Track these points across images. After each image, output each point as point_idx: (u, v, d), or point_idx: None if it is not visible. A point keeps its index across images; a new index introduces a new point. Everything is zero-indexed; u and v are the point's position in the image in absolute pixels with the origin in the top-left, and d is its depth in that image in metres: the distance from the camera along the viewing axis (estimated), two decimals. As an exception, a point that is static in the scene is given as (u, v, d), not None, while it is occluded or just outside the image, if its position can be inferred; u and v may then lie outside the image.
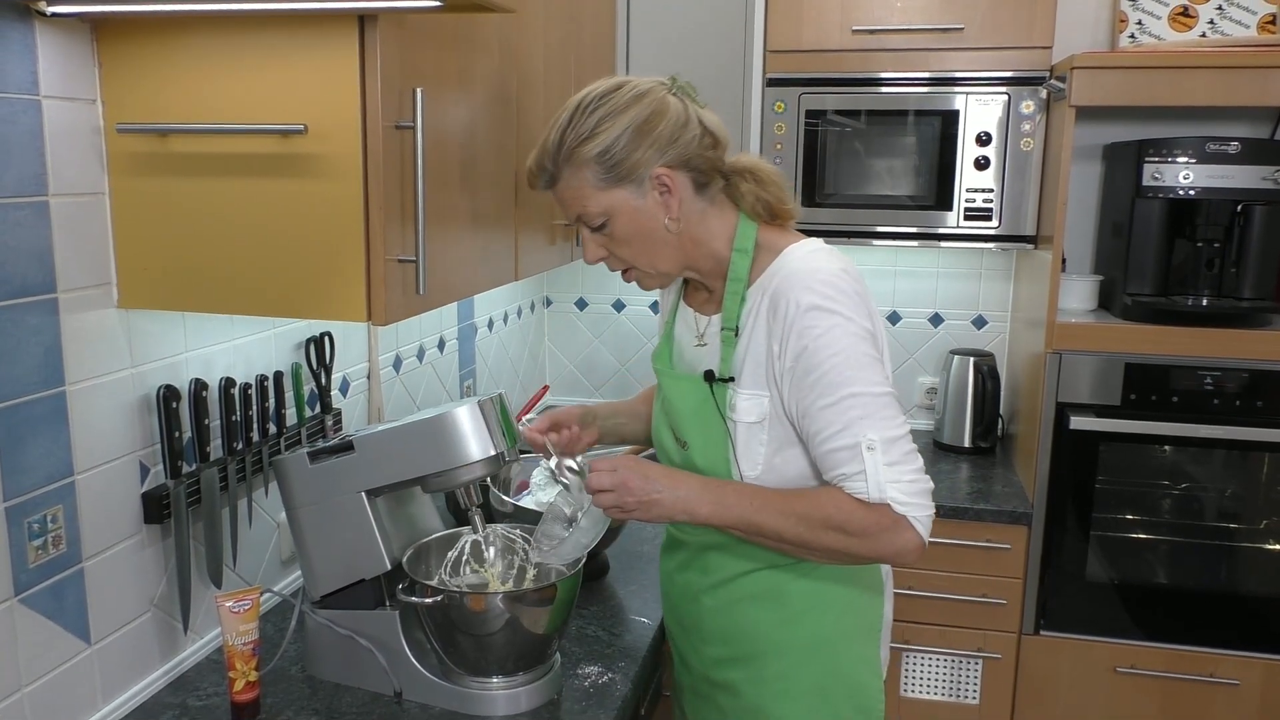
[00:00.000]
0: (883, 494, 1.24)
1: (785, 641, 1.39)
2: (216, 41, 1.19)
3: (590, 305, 3.08)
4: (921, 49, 2.43)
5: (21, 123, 1.15)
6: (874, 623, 1.44)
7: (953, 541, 2.35)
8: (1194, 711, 2.36)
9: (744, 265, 1.35)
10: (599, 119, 1.27)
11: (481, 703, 1.37)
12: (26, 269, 1.18)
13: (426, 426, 1.36)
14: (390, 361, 2.06)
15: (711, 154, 1.33)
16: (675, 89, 1.32)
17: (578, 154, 1.28)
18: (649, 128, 1.27)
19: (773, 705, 1.41)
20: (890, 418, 1.25)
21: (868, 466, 1.24)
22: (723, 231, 1.37)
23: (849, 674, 1.41)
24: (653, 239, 1.33)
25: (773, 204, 1.36)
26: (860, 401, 1.25)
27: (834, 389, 1.25)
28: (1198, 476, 2.38)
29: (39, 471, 1.21)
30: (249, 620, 1.35)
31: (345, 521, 1.40)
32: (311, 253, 1.21)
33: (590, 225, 1.33)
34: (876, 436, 1.24)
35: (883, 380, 1.27)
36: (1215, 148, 2.25)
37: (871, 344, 1.27)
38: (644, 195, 1.30)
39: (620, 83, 1.31)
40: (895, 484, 1.24)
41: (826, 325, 1.25)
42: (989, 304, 2.83)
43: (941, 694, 2.47)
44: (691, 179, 1.32)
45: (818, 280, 1.27)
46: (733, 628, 1.43)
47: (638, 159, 1.28)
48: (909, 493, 1.25)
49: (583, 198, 1.31)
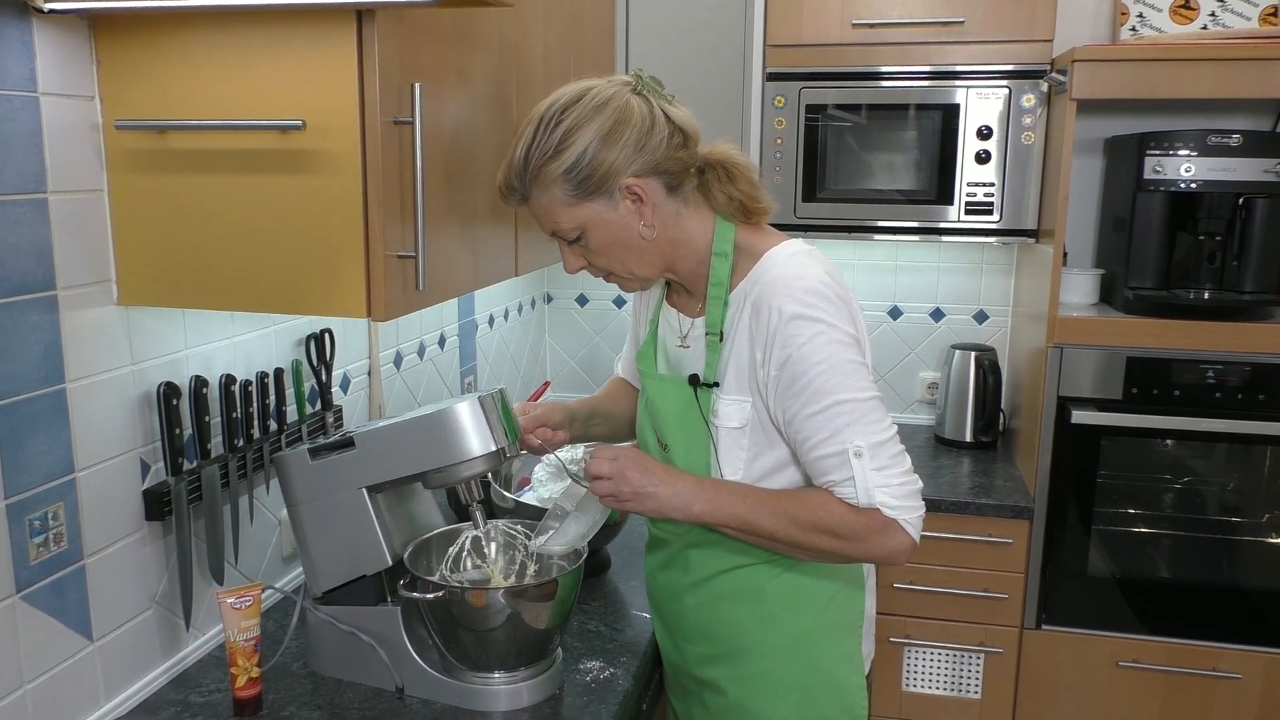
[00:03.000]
0: (871, 499, 1.24)
1: (766, 639, 1.40)
2: (215, 37, 1.18)
3: (591, 301, 3.08)
4: (922, 43, 2.42)
5: (20, 120, 1.15)
6: (855, 618, 1.44)
7: (954, 536, 2.35)
8: (1196, 705, 2.36)
9: (724, 269, 1.34)
10: (563, 134, 1.25)
11: (483, 698, 1.37)
12: (26, 266, 1.18)
13: (427, 422, 1.35)
14: (391, 358, 2.06)
15: (682, 153, 1.30)
16: (640, 87, 1.29)
17: (545, 172, 1.26)
18: (614, 138, 1.25)
19: (756, 702, 1.41)
20: (876, 422, 1.26)
21: (856, 473, 1.24)
22: (701, 232, 1.35)
23: (831, 670, 1.41)
24: (628, 247, 1.32)
25: (745, 202, 1.34)
26: (846, 408, 1.25)
27: (819, 397, 1.25)
28: (1199, 470, 2.37)
29: (40, 469, 1.21)
30: (251, 616, 1.35)
31: (346, 518, 1.40)
32: (311, 248, 1.21)
33: (566, 239, 1.33)
34: (863, 443, 1.24)
35: (868, 385, 1.27)
36: (1217, 140, 2.25)
37: (855, 349, 1.27)
38: (616, 206, 1.28)
39: (582, 91, 1.28)
40: (884, 488, 1.25)
41: (810, 334, 1.25)
42: (990, 298, 2.83)
43: (943, 689, 2.47)
44: (663, 182, 1.30)
45: (800, 287, 1.26)
46: (714, 625, 1.44)
47: (605, 171, 1.25)
48: (898, 495, 1.25)
49: (555, 214, 1.29)
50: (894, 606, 2.42)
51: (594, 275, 1.38)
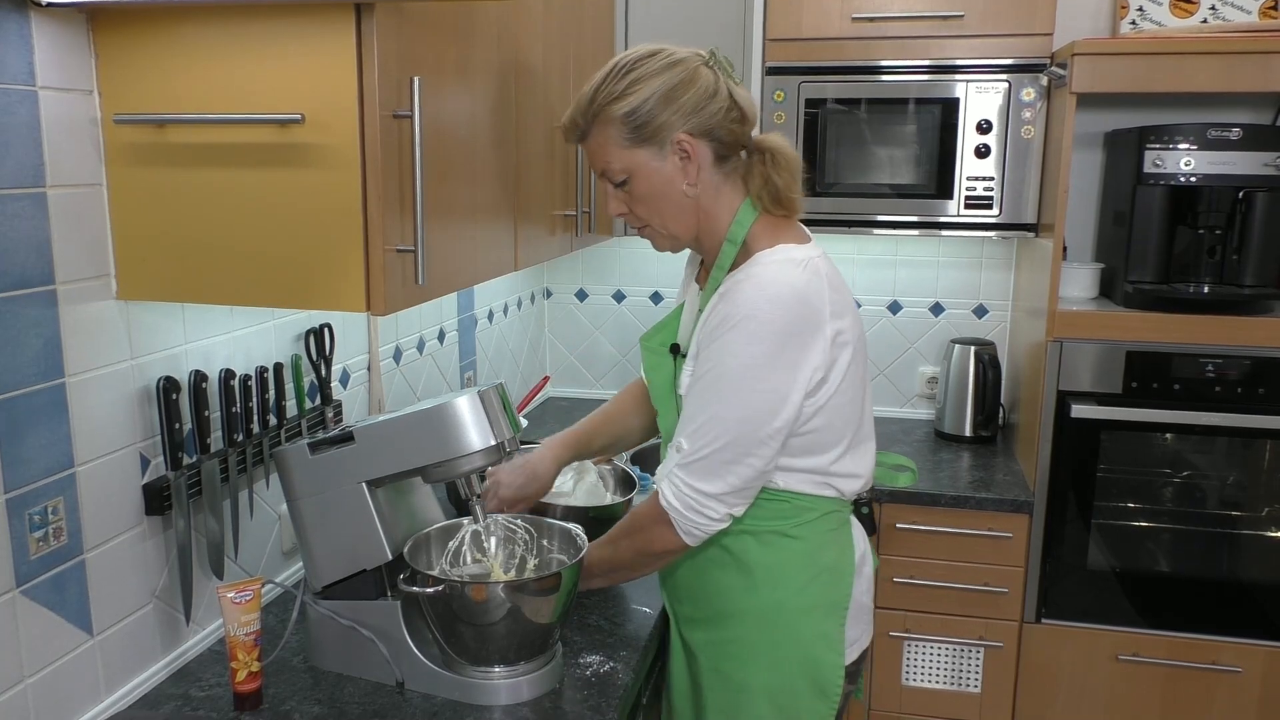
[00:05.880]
0: (660, 484, 1.36)
1: (745, 606, 1.46)
2: (213, 31, 1.18)
3: (590, 296, 3.07)
4: (922, 36, 2.42)
5: (18, 114, 1.15)
6: (838, 601, 1.47)
7: (954, 530, 2.35)
8: (1196, 699, 2.36)
9: (730, 256, 1.41)
10: (630, 81, 1.34)
11: (483, 692, 1.37)
12: (25, 260, 1.17)
13: (427, 416, 1.36)
14: (390, 353, 2.06)
15: (737, 128, 1.38)
16: (712, 62, 1.38)
17: (606, 112, 1.35)
18: (676, 94, 1.34)
19: (727, 664, 1.47)
20: (722, 446, 1.32)
21: (667, 462, 1.37)
22: (727, 215, 1.41)
23: (805, 646, 1.45)
24: (668, 201, 1.39)
25: (779, 190, 1.40)
26: (709, 417, 1.33)
27: (704, 391, 1.34)
28: (1199, 464, 2.37)
29: (39, 463, 1.21)
30: (251, 611, 1.35)
31: (346, 512, 1.40)
32: (310, 243, 1.21)
33: (613, 181, 1.41)
34: (689, 446, 1.34)
35: (745, 408, 1.32)
36: (1217, 134, 2.24)
37: (759, 369, 1.31)
38: (664, 158, 1.36)
39: (658, 49, 1.37)
40: (675, 483, 1.35)
41: (736, 338, 1.31)
42: (990, 293, 2.83)
43: (943, 683, 2.47)
44: (713, 149, 1.38)
45: (763, 295, 1.31)
46: (700, 588, 1.50)
47: (662, 122, 1.34)
48: (682, 499, 1.35)
49: (607, 154, 1.38)
50: (894, 601, 2.43)
51: (631, 225, 1.46)
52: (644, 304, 3.03)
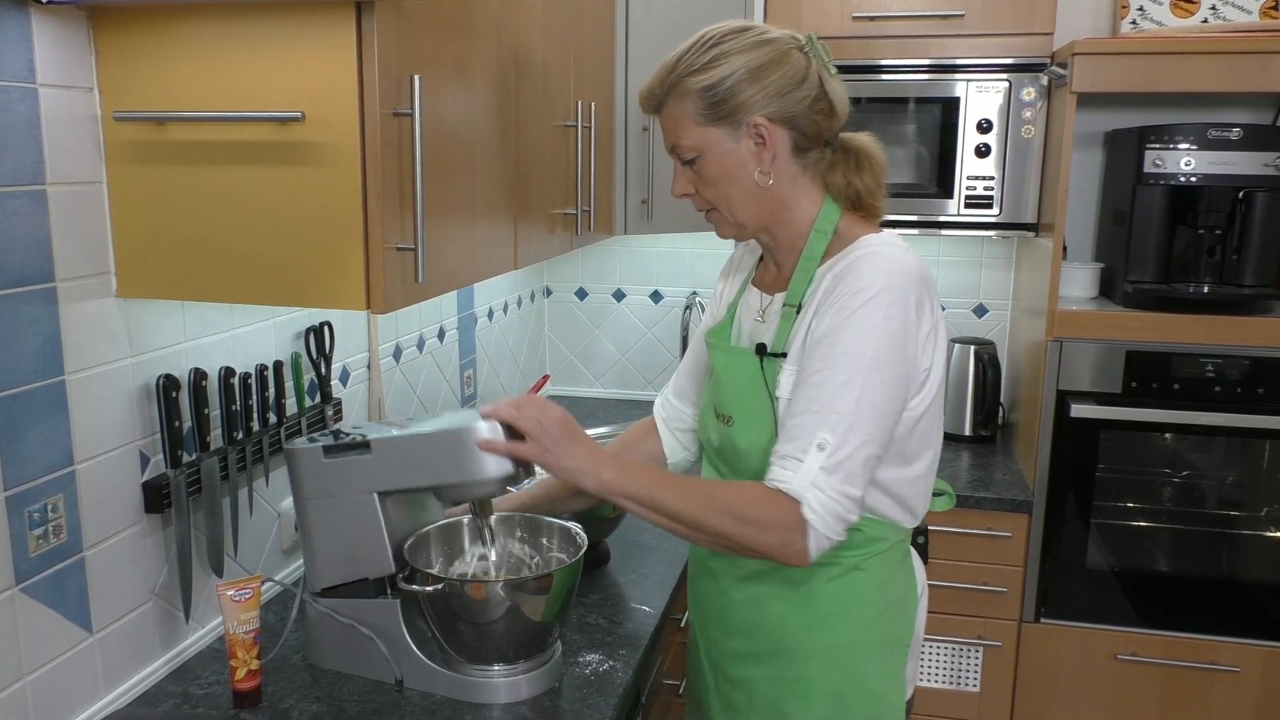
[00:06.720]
0: (802, 494, 1.18)
1: (810, 644, 1.36)
2: (214, 28, 1.18)
3: (590, 295, 3.07)
4: (922, 36, 2.42)
5: (18, 111, 1.15)
6: (903, 636, 1.39)
7: (953, 530, 2.35)
8: (1194, 698, 2.37)
9: (820, 246, 1.32)
10: (714, 55, 1.26)
11: (483, 690, 1.37)
12: (25, 258, 1.17)
13: (446, 438, 1.33)
14: (390, 351, 2.06)
15: (823, 120, 1.29)
16: (807, 47, 1.29)
17: (685, 84, 1.27)
18: (761, 75, 1.25)
19: (789, 705, 1.37)
20: (864, 431, 1.20)
21: (806, 461, 1.19)
22: (809, 206, 1.33)
23: (870, 684, 1.36)
24: (738, 185, 1.30)
25: (861, 193, 1.33)
26: (846, 396, 1.20)
27: (834, 369, 1.21)
28: (1198, 464, 2.37)
29: (39, 461, 1.21)
30: (250, 609, 1.35)
31: (353, 519, 1.39)
32: (310, 241, 1.20)
33: (682, 158, 1.32)
34: (834, 440, 1.19)
35: (888, 394, 1.22)
36: (1217, 134, 2.24)
37: (899, 351, 1.22)
38: (738, 140, 1.28)
39: (749, 26, 1.30)
40: (820, 492, 1.18)
41: (866, 313, 1.21)
42: (990, 292, 2.83)
43: (942, 682, 2.48)
44: (792, 139, 1.29)
45: (878, 272, 1.23)
46: (758, 623, 1.39)
47: (740, 102, 1.26)
48: (827, 507, 1.19)
49: (679, 128, 1.30)
50: (893, 600, 2.43)
51: (697, 207, 1.37)
52: (644, 303, 3.03)
